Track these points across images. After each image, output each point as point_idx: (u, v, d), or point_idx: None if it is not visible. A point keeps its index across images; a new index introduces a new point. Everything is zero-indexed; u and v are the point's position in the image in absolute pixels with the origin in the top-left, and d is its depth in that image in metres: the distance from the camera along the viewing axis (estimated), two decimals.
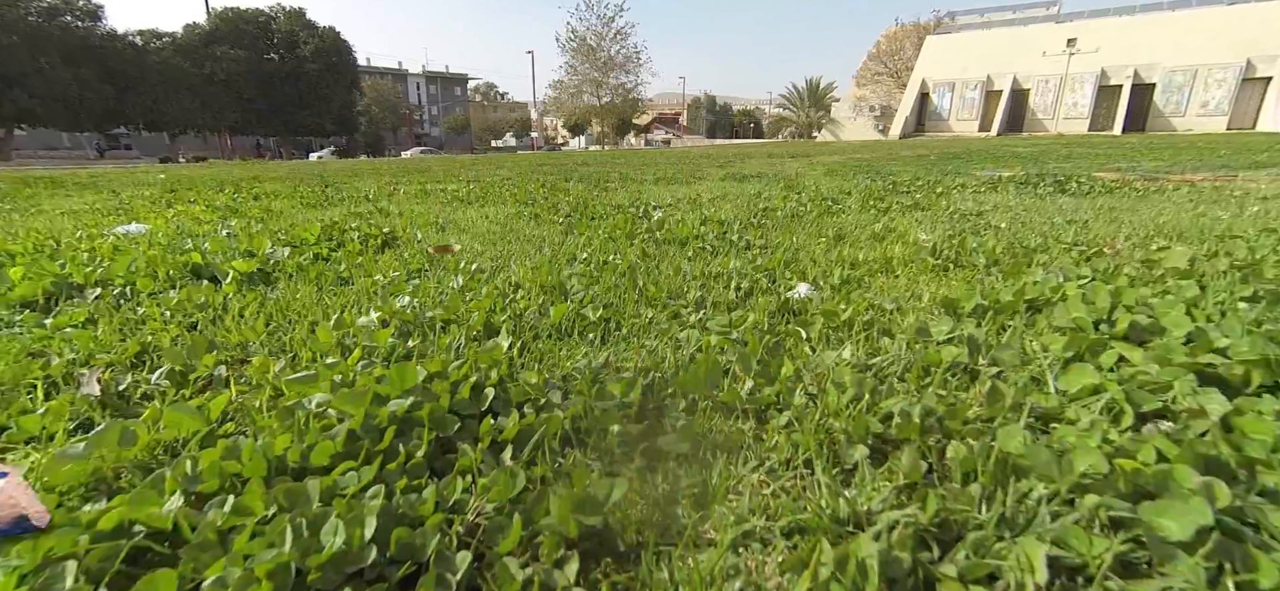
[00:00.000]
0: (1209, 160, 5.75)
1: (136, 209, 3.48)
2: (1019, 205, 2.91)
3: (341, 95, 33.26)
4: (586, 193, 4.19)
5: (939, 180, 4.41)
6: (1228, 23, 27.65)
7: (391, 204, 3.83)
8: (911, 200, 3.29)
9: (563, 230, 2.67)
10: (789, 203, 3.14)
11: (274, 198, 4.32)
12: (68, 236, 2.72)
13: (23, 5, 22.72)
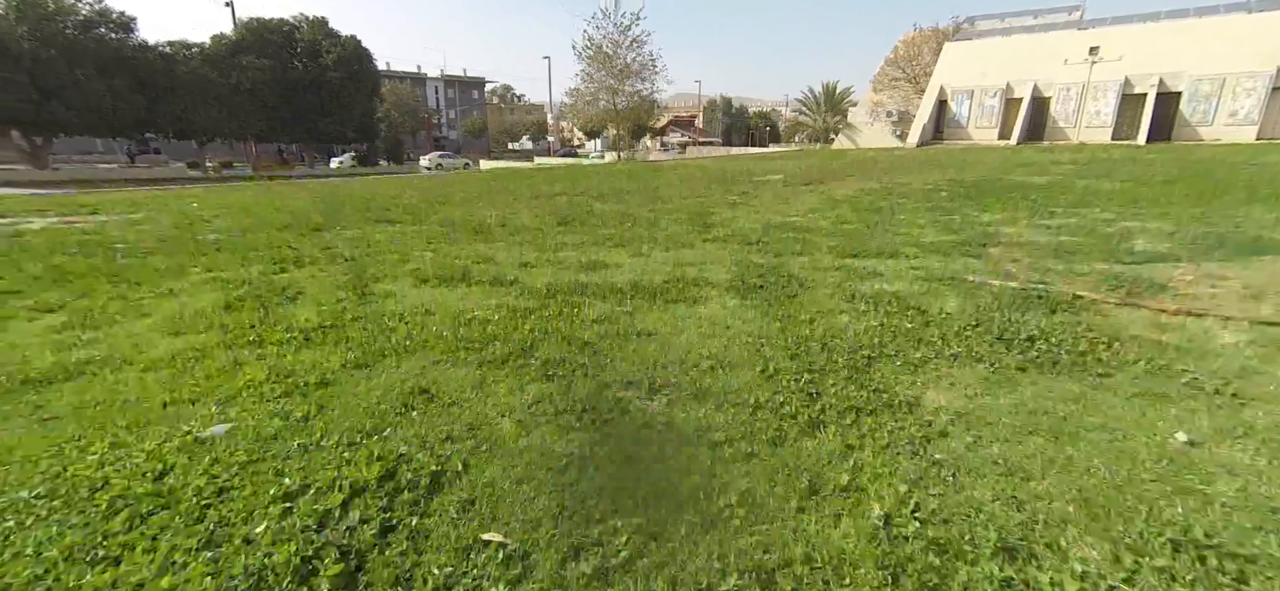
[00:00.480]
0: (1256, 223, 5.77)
1: (191, 325, 2.89)
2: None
3: (363, 102, 33.88)
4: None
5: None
6: (1256, 30, 27.08)
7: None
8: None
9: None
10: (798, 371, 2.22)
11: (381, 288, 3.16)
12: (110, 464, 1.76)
13: (61, 20, 23.54)
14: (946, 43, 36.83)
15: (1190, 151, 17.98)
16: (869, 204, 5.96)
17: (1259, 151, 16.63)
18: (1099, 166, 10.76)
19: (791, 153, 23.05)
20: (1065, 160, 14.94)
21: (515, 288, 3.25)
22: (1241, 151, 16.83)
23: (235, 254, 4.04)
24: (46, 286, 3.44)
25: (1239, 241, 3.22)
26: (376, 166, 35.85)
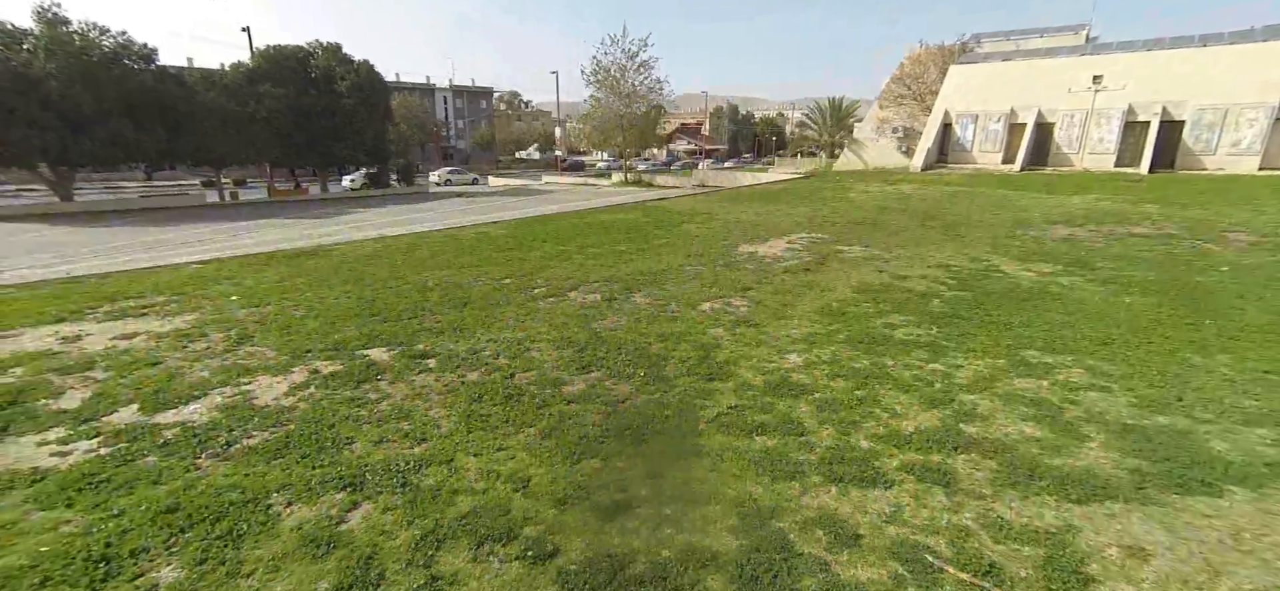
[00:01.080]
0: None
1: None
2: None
3: (376, 126, 34.50)
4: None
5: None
6: (1258, 59, 27.29)
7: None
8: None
9: None
10: None
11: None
12: None
13: (88, 55, 24.26)
14: (951, 66, 37.12)
15: (1196, 193, 18.30)
16: (860, 328, 6.44)
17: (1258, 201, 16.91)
18: (1086, 248, 11.29)
19: (799, 184, 23.49)
20: (1069, 212, 15.34)
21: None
22: (1258, 197, 17.08)
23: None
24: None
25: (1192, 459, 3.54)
26: (388, 187, 36.50)
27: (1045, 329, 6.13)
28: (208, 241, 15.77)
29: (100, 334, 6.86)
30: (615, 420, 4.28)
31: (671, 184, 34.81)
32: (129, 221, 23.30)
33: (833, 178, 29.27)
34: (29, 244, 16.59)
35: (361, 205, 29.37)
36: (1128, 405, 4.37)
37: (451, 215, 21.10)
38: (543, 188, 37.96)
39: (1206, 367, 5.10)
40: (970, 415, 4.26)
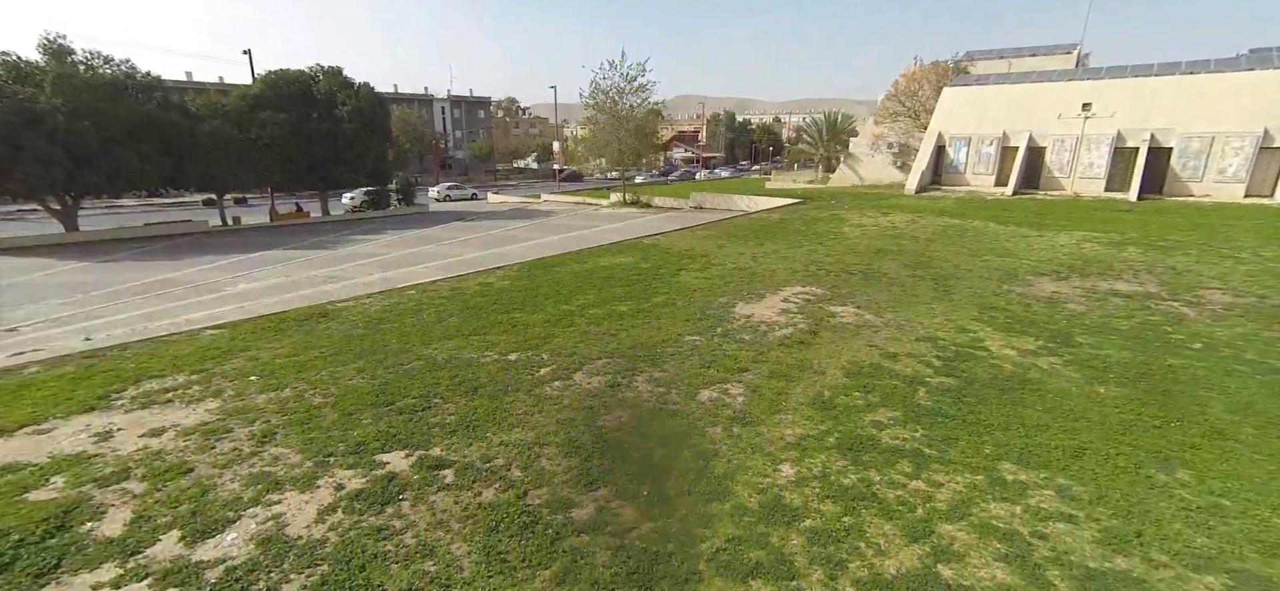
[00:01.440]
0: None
1: None
2: None
3: (377, 148, 34.82)
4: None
5: None
6: (1243, 89, 27.89)
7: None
8: None
9: None
10: None
11: None
12: None
13: (93, 88, 24.56)
14: (945, 88, 37.66)
15: (1180, 232, 18.79)
16: (849, 428, 6.85)
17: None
18: (1067, 314, 11.80)
19: (793, 217, 23.92)
20: (1056, 259, 15.80)
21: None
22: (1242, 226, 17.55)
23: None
24: None
25: None
26: (388, 207, 36.82)
27: (1022, 433, 6.55)
28: (215, 288, 16.08)
29: (130, 428, 7.23)
30: (623, 560, 4.67)
31: (670, 205, 35.20)
32: (136, 253, 23.63)
33: (828, 203, 29.69)
34: (40, 286, 16.89)
35: (363, 229, 29.75)
36: (1092, 542, 4.78)
37: (452, 249, 21.43)
38: (541, 207, 38.33)
39: (1167, 488, 5.52)
40: (947, 553, 4.67)
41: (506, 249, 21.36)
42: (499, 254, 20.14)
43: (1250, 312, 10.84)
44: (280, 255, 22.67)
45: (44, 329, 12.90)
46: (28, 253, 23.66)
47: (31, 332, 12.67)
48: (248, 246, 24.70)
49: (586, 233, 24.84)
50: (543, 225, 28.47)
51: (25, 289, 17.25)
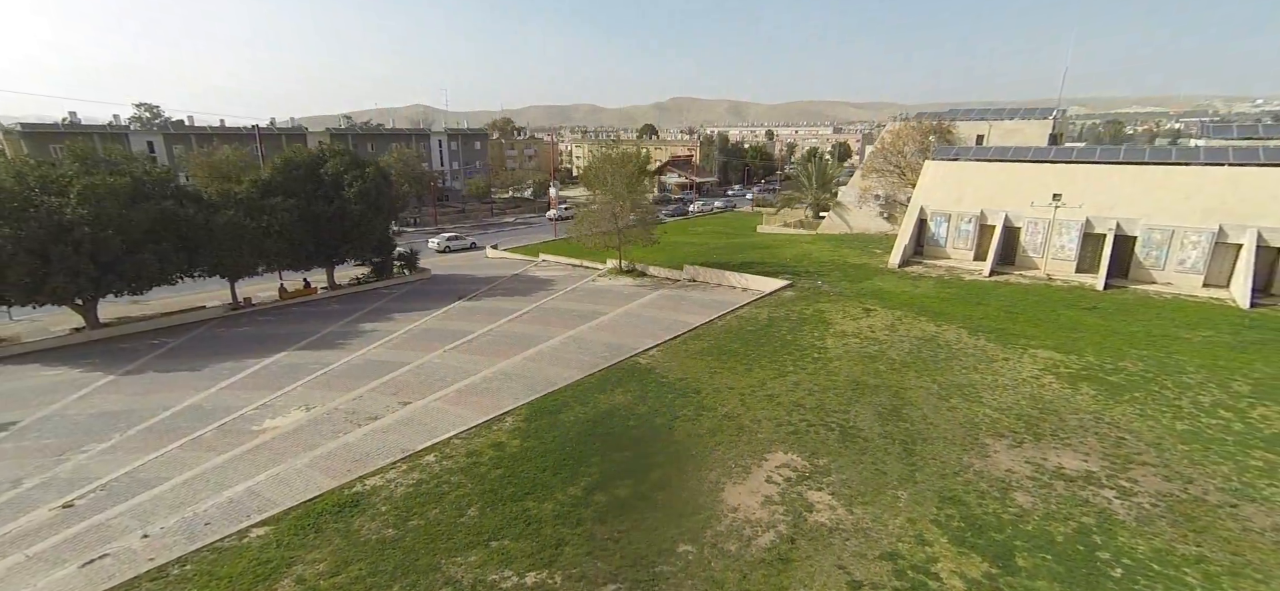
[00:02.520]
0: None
1: None
2: None
3: (381, 225, 36.17)
4: None
5: None
6: (1200, 184, 29.70)
7: None
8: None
9: None
10: None
11: None
12: None
13: (115, 198, 25.74)
14: (927, 161, 39.35)
15: (1137, 358, 20.43)
16: None
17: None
18: (1013, 520, 13.36)
19: (780, 322, 25.39)
20: (1017, 406, 17.39)
21: None
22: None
23: None
24: None
25: None
26: (391, 276, 38.08)
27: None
28: (244, 430, 17.31)
29: None
30: None
31: (664, 276, 36.60)
32: (158, 355, 24.85)
33: (813, 291, 31.19)
34: (75, 421, 18.07)
35: (369, 310, 31.05)
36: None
37: (458, 362, 22.60)
38: (539, 272, 39.56)
39: None
40: None
41: (510, 361, 22.74)
42: (502, 375, 21.52)
43: (1170, 511, 12.43)
44: (293, 361, 23.96)
45: (98, 500, 14.22)
46: (50, 358, 24.84)
47: (86, 506, 14.01)
48: (262, 346, 25.91)
49: (584, 332, 26.26)
50: (541, 314, 29.80)
51: (61, 425, 18.51)
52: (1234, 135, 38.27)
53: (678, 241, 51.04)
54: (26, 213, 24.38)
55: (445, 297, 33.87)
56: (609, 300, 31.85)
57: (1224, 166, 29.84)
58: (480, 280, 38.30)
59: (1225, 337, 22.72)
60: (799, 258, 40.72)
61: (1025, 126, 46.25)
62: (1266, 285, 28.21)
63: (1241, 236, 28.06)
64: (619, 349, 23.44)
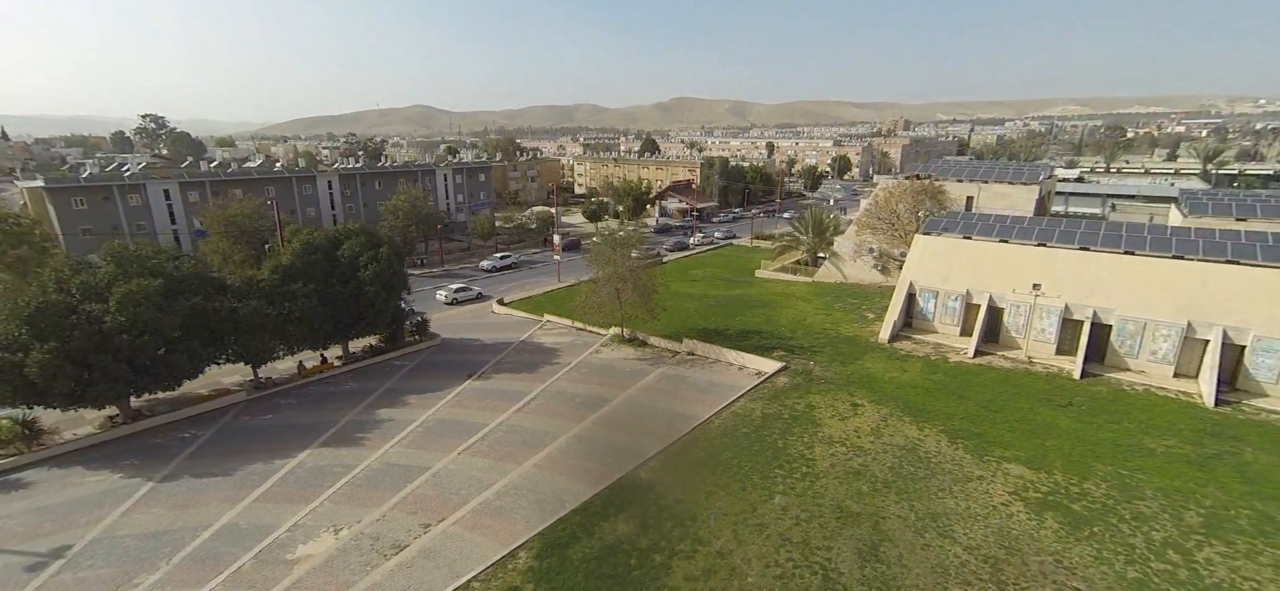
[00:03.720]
0: None
1: None
2: None
3: (394, 303, 37.94)
4: None
5: None
6: (1172, 278, 31.37)
7: None
8: None
9: None
10: None
11: None
12: None
13: (150, 302, 27.46)
14: (917, 235, 41.00)
15: (1104, 477, 22.12)
16: None
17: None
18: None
19: (774, 431, 27.05)
20: (985, 545, 19.09)
21: None
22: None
23: None
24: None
25: None
26: (402, 346, 39.83)
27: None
28: (276, 559, 18.96)
29: None
30: None
31: (665, 347, 38.29)
32: (190, 455, 26.56)
33: (805, 381, 32.85)
34: (123, 545, 19.73)
35: (384, 387, 32.76)
36: None
37: (464, 480, 24.23)
38: (545, 341, 40.97)
39: None
40: None
41: (521, 470, 24.46)
42: (514, 490, 23.24)
43: None
44: (318, 462, 25.71)
45: None
46: (92, 458, 26.54)
47: None
48: (287, 441, 27.61)
49: (589, 429, 27.99)
50: (548, 401, 31.49)
51: (112, 550, 20.20)
52: (1209, 211, 39.99)
53: (678, 292, 52.66)
54: (70, 320, 26.17)
55: (455, 373, 35.58)
56: (612, 381, 33.57)
57: (1194, 261, 31.47)
58: (488, 348, 40.02)
59: (1187, 449, 24.40)
60: (794, 323, 42.38)
61: (1012, 191, 47.88)
62: (1232, 378, 29.85)
63: (1208, 333, 29.72)
64: (624, 454, 25.17)
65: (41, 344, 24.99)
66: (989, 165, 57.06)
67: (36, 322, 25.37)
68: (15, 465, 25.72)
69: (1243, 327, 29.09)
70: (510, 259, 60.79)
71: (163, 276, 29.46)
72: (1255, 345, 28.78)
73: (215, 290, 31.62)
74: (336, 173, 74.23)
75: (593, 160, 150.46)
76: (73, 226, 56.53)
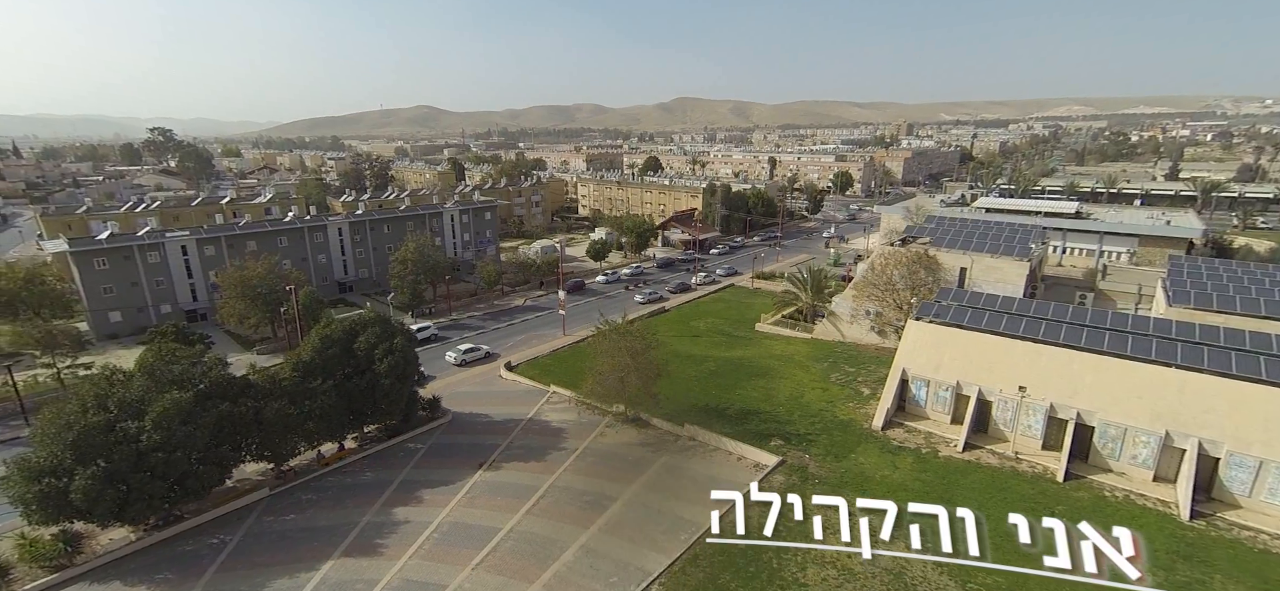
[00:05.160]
0: None
1: None
2: None
3: (408, 393, 39.65)
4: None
5: None
6: (1150, 385, 32.85)
7: None
8: None
9: None
10: None
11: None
12: None
13: (183, 415, 29.19)
14: (910, 320, 42.50)
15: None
16: None
17: None
18: None
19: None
20: None
21: None
22: None
23: None
24: None
25: None
26: (414, 426, 41.50)
27: None
28: None
29: None
30: None
31: (665, 428, 39.92)
32: (221, 572, 28.25)
33: (801, 481, 34.42)
34: None
35: (399, 486, 34.45)
36: None
37: (482, 569, 25.89)
38: (552, 420, 42.27)
39: None
40: None
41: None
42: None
43: None
44: (340, 577, 27.43)
45: None
46: (128, 570, 28.25)
47: None
48: (310, 547, 29.35)
49: (594, 539, 29.64)
50: (556, 503, 33.14)
51: None
52: (1191, 300, 41.39)
53: (680, 354, 54.31)
54: (109, 438, 27.91)
55: (466, 460, 37.31)
56: (617, 474, 35.20)
57: (1172, 368, 32.95)
58: (497, 428, 41.73)
59: (1160, 573, 25.89)
60: (792, 401, 43.80)
61: (1004, 265, 49.35)
62: (1208, 485, 31.32)
63: (1185, 443, 31.22)
64: (628, 574, 26.86)
65: (84, 468, 26.76)
66: (983, 231, 58.39)
67: (80, 447, 27.14)
68: (58, 582, 27.51)
69: (1217, 440, 30.56)
70: (479, 352, 56.14)
71: (192, 385, 31.24)
72: (1228, 458, 30.26)
73: (240, 391, 33.38)
74: (346, 220, 75.96)
75: (596, 182, 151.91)
76: (95, 285, 58.47)
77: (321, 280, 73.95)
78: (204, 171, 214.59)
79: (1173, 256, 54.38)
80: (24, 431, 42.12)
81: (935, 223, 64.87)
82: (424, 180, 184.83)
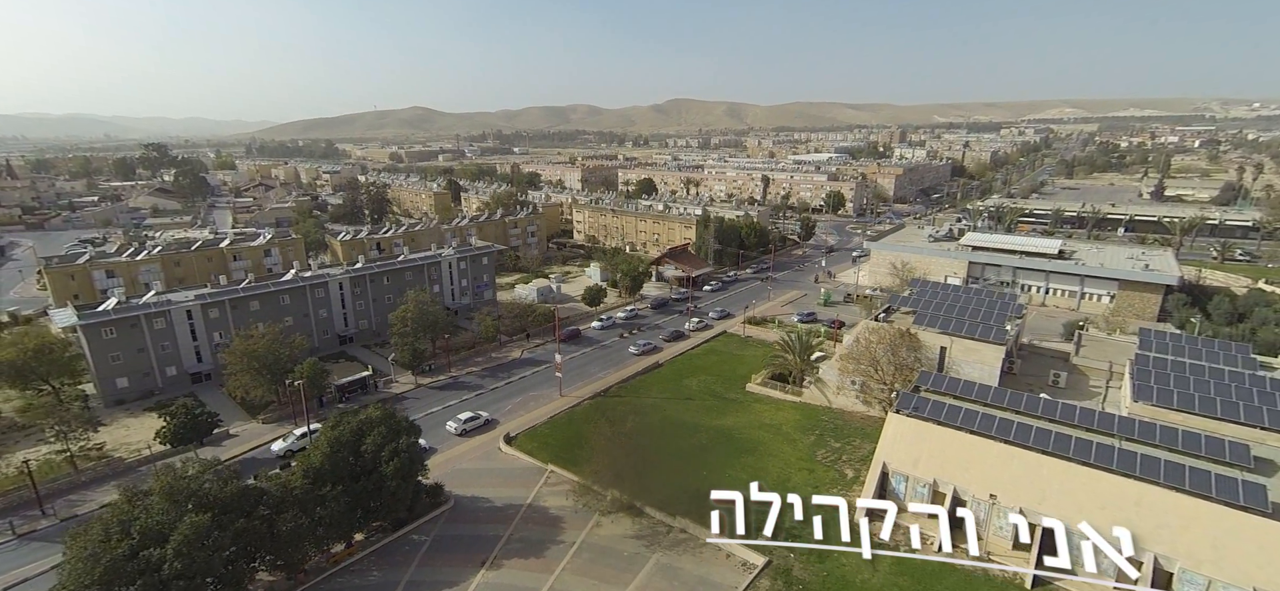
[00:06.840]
0: None
1: None
2: None
3: (413, 488, 41.48)
4: None
5: None
6: (1112, 495, 35.09)
7: None
8: None
9: None
10: None
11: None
12: None
13: (202, 538, 30.91)
14: (890, 412, 44.64)
15: None
16: None
17: None
18: None
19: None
20: None
21: None
22: None
23: None
24: None
25: None
26: (420, 515, 43.36)
27: None
28: None
29: None
30: None
31: (659, 518, 41.96)
32: None
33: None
34: None
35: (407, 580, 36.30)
36: None
37: None
38: (549, 493, 44.13)
39: None
40: None
41: None
42: None
43: None
44: None
45: None
46: None
47: None
48: None
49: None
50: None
51: None
52: (1154, 397, 43.64)
53: (673, 420, 56.47)
54: (132, 567, 29.61)
55: (468, 556, 39.20)
56: (613, 576, 37.18)
57: (1131, 480, 35.23)
58: (498, 515, 43.64)
59: None
60: (780, 483, 45.68)
61: (982, 348, 51.59)
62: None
63: (1143, 556, 33.48)
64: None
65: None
66: (964, 303, 60.67)
67: (108, 581, 28.87)
68: None
69: (1170, 556, 32.84)
70: (479, 420, 57.91)
71: (209, 504, 32.98)
72: (1181, 574, 32.55)
73: (254, 501, 35.14)
74: (346, 275, 77.42)
75: (592, 209, 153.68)
76: (103, 353, 59.92)
77: (323, 334, 75.54)
78: (198, 190, 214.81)
79: (1143, 331, 56.74)
80: (41, 523, 43.93)
81: (918, 289, 67.10)
82: (420, 202, 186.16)
